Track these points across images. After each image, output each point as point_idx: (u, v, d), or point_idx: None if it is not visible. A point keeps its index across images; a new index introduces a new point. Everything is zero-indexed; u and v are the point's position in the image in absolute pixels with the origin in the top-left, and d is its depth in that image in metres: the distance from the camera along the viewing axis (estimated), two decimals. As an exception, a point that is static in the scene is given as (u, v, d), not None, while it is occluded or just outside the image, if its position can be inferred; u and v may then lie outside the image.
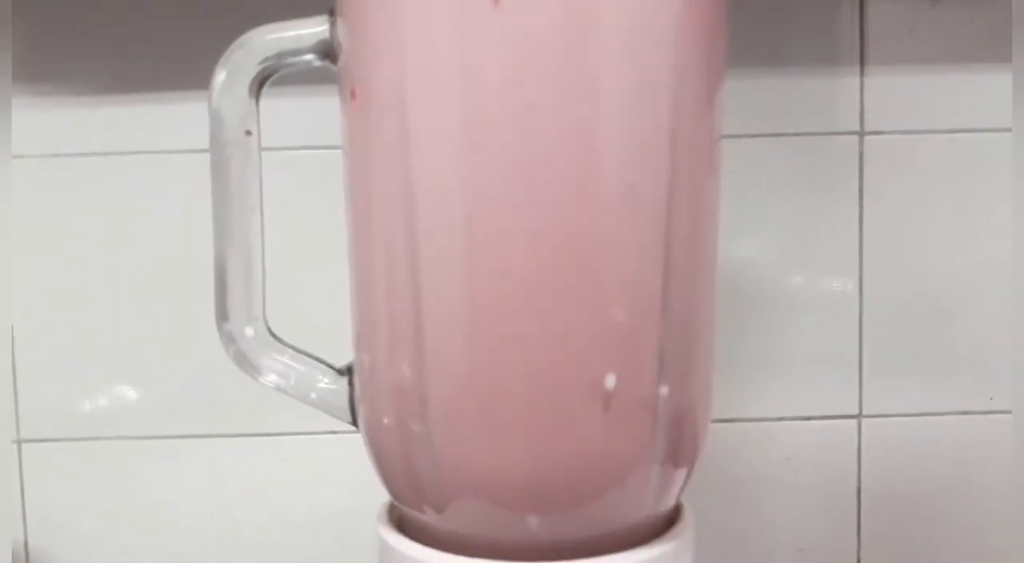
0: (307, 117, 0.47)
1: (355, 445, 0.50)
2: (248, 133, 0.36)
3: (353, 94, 0.34)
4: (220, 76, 0.35)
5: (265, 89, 0.36)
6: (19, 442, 0.52)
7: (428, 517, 0.34)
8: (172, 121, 0.50)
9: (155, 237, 0.51)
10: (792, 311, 0.52)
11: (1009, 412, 0.51)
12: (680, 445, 0.33)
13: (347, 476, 0.50)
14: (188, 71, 0.49)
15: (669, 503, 0.35)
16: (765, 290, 0.52)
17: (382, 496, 0.37)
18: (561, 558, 0.32)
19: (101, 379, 0.52)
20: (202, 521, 0.52)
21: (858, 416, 0.52)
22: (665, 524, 0.35)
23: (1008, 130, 0.50)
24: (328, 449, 0.52)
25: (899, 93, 0.51)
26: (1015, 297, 0.50)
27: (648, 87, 0.32)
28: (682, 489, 0.35)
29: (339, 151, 0.36)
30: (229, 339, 0.37)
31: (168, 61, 0.50)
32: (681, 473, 0.34)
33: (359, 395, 0.36)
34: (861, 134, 0.51)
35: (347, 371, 0.37)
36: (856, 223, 0.51)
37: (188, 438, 0.52)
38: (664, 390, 0.32)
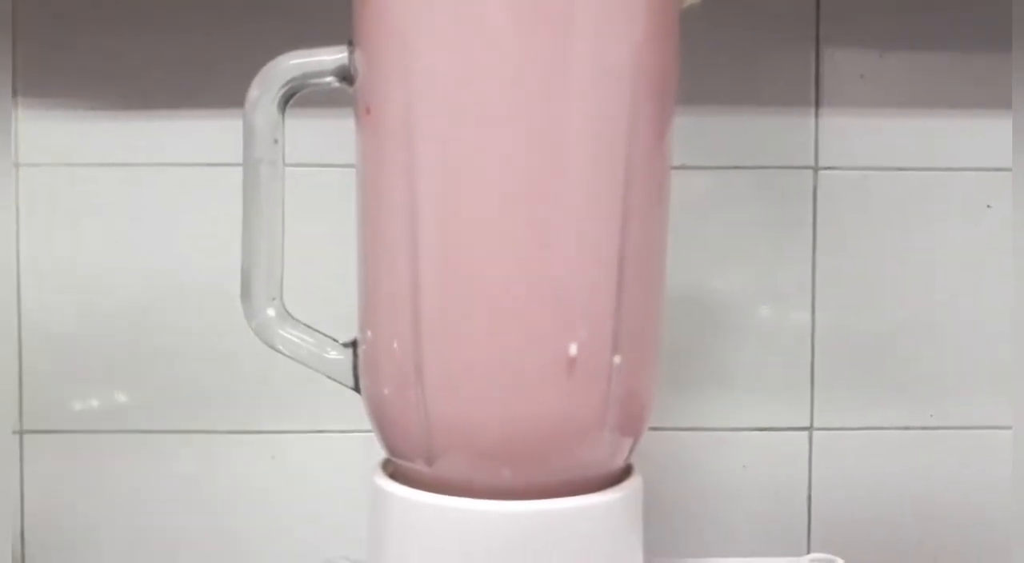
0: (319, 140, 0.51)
1: (338, 444, 0.53)
2: (275, 141, 0.39)
3: (368, 110, 0.38)
4: (254, 92, 0.39)
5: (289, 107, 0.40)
6: (21, 433, 0.53)
7: (419, 467, 0.38)
8: (176, 136, 0.53)
9: (154, 243, 0.53)
10: (750, 333, 0.54)
11: (942, 429, 0.55)
12: (628, 410, 0.38)
13: (330, 473, 0.53)
14: (193, 90, 0.52)
15: (620, 460, 0.39)
16: (726, 313, 0.54)
17: (365, 491, 0.40)
18: (527, 498, 0.37)
19: (100, 376, 0.53)
20: (191, 513, 0.54)
21: (809, 429, 0.55)
22: (617, 478, 0.40)
23: (950, 169, 0.54)
24: (313, 446, 0.54)
25: (850, 132, 0.54)
26: (955, 324, 0.54)
27: (608, 123, 0.37)
28: (631, 451, 0.39)
29: (341, 168, 0.40)
30: (252, 314, 0.40)
31: (176, 79, 0.52)
32: (629, 435, 0.39)
33: (362, 367, 0.40)
34: (815, 169, 0.54)
35: (351, 345, 0.40)
36: (810, 247, 0.55)
37: (180, 433, 0.53)
38: (616, 359, 0.37)
